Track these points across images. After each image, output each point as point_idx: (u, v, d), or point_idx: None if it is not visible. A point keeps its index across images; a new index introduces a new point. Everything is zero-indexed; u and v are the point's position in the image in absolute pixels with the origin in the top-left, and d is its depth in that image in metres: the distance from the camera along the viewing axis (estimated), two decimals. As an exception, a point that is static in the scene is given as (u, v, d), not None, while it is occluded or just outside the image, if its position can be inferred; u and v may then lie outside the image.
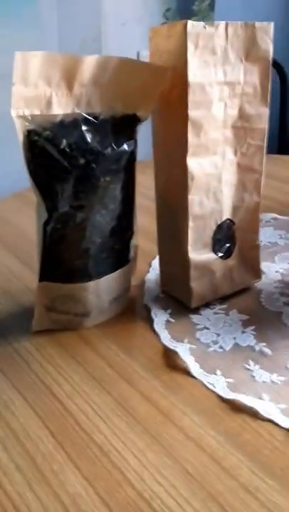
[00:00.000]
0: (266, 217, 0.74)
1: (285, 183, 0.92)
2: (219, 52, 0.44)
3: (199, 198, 0.47)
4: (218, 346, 0.45)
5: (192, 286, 0.49)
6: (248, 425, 0.36)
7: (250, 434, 0.36)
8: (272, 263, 0.60)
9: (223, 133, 0.47)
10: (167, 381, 0.41)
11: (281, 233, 0.69)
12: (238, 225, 0.51)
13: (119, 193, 0.45)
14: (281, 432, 0.36)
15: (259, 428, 0.36)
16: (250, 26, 0.45)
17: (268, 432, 0.36)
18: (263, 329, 0.47)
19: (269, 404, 0.38)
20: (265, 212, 0.75)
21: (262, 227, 0.70)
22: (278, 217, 0.74)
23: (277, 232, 0.70)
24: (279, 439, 0.35)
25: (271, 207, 0.79)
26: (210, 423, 0.37)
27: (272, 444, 0.35)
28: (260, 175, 0.51)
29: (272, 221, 0.73)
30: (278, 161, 1.08)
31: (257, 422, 0.37)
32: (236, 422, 0.37)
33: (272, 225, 0.72)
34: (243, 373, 0.41)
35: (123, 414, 0.37)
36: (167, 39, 0.44)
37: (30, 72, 0.38)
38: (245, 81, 0.47)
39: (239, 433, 0.36)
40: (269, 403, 0.38)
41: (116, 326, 0.48)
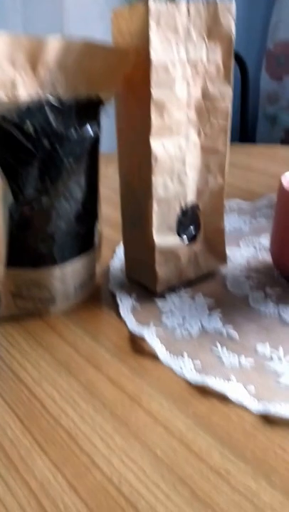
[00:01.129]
0: (230, 203, 0.74)
1: (246, 170, 0.93)
2: (181, 30, 0.43)
3: (163, 180, 0.46)
4: (185, 330, 0.44)
5: (157, 271, 0.48)
6: (217, 408, 0.36)
7: (219, 417, 0.35)
8: (238, 247, 0.60)
9: (186, 113, 0.46)
10: (134, 365, 0.40)
11: (245, 219, 0.69)
12: (202, 209, 0.51)
13: (84, 177, 0.44)
14: (251, 415, 0.36)
15: (229, 411, 0.36)
16: (213, 4, 0.45)
17: (238, 414, 0.36)
18: (230, 313, 0.47)
19: (238, 387, 0.38)
20: (228, 199, 0.76)
21: (226, 214, 0.71)
22: (242, 203, 0.75)
23: (242, 217, 0.70)
24: (249, 421, 0.35)
25: (234, 193, 0.79)
26: (178, 407, 0.36)
27: (242, 427, 0.34)
28: (224, 156, 0.50)
29: (236, 207, 0.74)
30: (239, 149, 1.08)
31: (226, 405, 0.36)
32: (205, 405, 0.36)
33: (235, 211, 0.72)
34: (211, 356, 0.41)
35: (90, 398, 0.37)
36: (129, 20, 0.43)
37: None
38: (207, 60, 0.46)
39: (208, 416, 0.35)
40: (238, 385, 0.38)
41: (82, 312, 0.47)
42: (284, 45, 1.48)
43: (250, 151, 1.08)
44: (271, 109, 1.56)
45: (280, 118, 1.54)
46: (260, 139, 1.61)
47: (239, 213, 0.71)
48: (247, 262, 0.57)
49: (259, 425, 0.35)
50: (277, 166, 0.97)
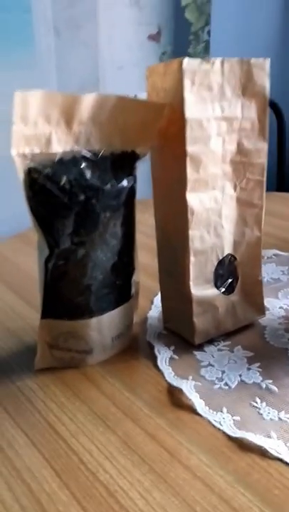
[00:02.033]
0: (268, 253, 0.74)
1: (284, 219, 0.92)
2: (216, 88, 0.45)
3: (200, 233, 0.47)
4: (224, 383, 0.44)
5: (195, 322, 0.48)
6: (256, 464, 0.35)
7: (259, 473, 0.34)
8: (276, 299, 0.60)
9: (222, 168, 0.48)
10: (173, 419, 0.40)
11: (284, 269, 0.69)
12: (239, 260, 0.51)
13: (120, 229, 0.45)
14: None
15: (268, 467, 0.35)
16: (246, 62, 0.46)
17: (278, 471, 0.34)
18: (269, 366, 0.46)
19: (278, 443, 0.36)
20: (266, 249, 0.76)
21: (264, 264, 0.70)
22: (280, 254, 0.74)
23: (280, 268, 0.69)
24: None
25: (272, 243, 0.79)
26: (218, 462, 0.35)
27: (282, 483, 0.33)
28: (260, 209, 0.51)
29: (274, 257, 0.73)
30: (277, 198, 1.09)
31: (266, 460, 0.35)
32: (245, 461, 0.35)
33: (274, 261, 0.72)
34: (250, 411, 0.40)
35: (128, 452, 0.36)
36: (164, 77, 0.45)
37: (29, 111, 0.39)
38: (242, 116, 0.47)
39: (248, 472, 0.34)
40: (278, 441, 0.37)
41: (119, 363, 0.47)
42: None
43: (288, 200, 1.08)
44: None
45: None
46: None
47: (277, 264, 0.71)
48: (286, 314, 0.56)
49: (302, 483, 0.33)
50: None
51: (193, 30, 1.36)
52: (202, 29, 1.37)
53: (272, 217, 0.94)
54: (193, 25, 1.36)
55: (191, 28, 1.36)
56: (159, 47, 1.35)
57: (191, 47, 1.38)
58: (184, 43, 1.37)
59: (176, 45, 1.37)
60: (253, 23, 1.49)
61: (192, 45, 1.37)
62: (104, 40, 1.22)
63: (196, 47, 1.38)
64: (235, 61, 0.46)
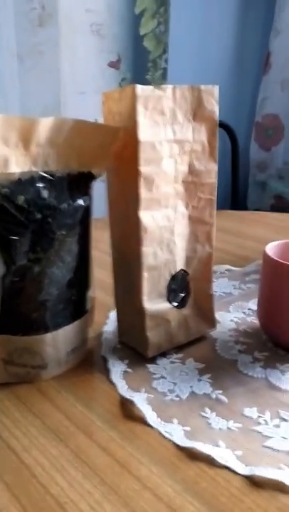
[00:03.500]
0: (221, 268, 0.77)
1: (237, 236, 0.96)
2: (168, 113, 0.47)
3: (153, 250, 0.49)
4: (175, 395, 0.45)
5: (148, 336, 0.50)
6: (205, 473, 0.37)
7: (207, 481, 0.36)
8: (227, 312, 0.62)
9: (174, 187, 0.50)
10: (124, 431, 0.41)
11: (235, 284, 0.71)
12: (192, 275, 0.53)
13: (75, 246, 0.47)
14: (238, 479, 0.36)
15: (216, 475, 0.36)
16: (196, 89, 0.49)
17: (225, 479, 0.36)
18: (219, 377, 0.48)
19: (225, 451, 0.38)
20: (219, 264, 0.78)
21: (217, 279, 0.73)
22: (232, 269, 0.77)
23: (232, 282, 0.72)
24: (236, 486, 0.35)
25: (225, 259, 0.82)
26: (167, 472, 0.37)
27: (228, 491, 0.35)
28: (211, 227, 0.53)
29: (227, 272, 0.76)
30: (231, 216, 1.12)
31: (214, 469, 0.37)
32: (193, 470, 0.37)
33: (226, 276, 0.74)
34: (200, 421, 0.42)
35: (80, 465, 0.37)
36: (119, 102, 0.47)
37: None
38: (193, 139, 0.50)
39: (196, 481, 0.36)
40: (225, 450, 0.38)
41: (74, 377, 0.48)
42: (271, 118, 1.57)
43: (242, 218, 1.12)
44: (261, 177, 1.62)
45: (270, 185, 1.60)
46: (252, 206, 1.66)
47: (230, 278, 0.73)
48: (236, 327, 0.58)
49: (246, 489, 0.35)
50: (266, 231, 1.00)
51: (152, 58, 1.40)
52: (160, 57, 1.41)
53: (226, 234, 0.97)
54: (152, 54, 1.40)
55: (149, 56, 1.40)
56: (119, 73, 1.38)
57: (150, 74, 1.41)
58: (142, 70, 1.41)
59: (135, 72, 1.41)
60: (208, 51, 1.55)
61: (150, 72, 1.41)
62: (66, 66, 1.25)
63: (154, 74, 1.42)
64: (186, 88, 0.48)
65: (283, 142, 1.56)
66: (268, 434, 0.40)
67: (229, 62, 1.61)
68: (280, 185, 1.58)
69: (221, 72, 1.61)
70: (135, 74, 1.43)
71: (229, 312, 0.62)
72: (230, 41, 1.60)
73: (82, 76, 1.30)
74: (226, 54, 1.60)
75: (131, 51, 1.42)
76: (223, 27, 1.57)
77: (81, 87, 1.29)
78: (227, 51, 1.60)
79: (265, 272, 0.52)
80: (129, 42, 1.40)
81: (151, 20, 1.42)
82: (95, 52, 1.31)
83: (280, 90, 1.54)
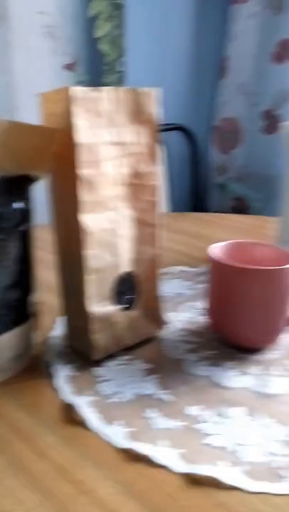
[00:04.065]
0: (175, 269, 0.77)
1: (195, 238, 0.96)
2: (105, 114, 0.47)
3: (96, 253, 0.49)
4: (120, 397, 0.45)
5: (94, 339, 0.49)
6: (143, 473, 0.36)
7: (145, 482, 0.36)
8: (177, 312, 0.62)
9: (116, 190, 0.49)
10: (66, 436, 0.40)
11: (188, 284, 0.72)
12: (138, 277, 0.53)
13: (14, 251, 0.46)
14: (176, 477, 0.36)
15: (154, 475, 0.36)
16: (135, 91, 0.49)
17: (163, 478, 0.36)
18: (165, 377, 0.48)
19: (165, 451, 0.38)
20: (174, 265, 0.78)
21: (171, 279, 0.73)
22: (186, 270, 0.77)
23: (185, 283, 0.72)
24: (174, 485, 0.35)
25: (181, 260, 0.82)
26: (106, 474, 0.36)
27: (166, 490, 0.35)
28: (155, 228, 0.53)
29: (181, 273, 0.76)
30: (189, 218, 1.13)
31: (153, 469, 0.37)
32: (133, 470, 0.37)
33: (180, 277, 0.75)
34: (143, 422, 0.42)
35: (16, 473, 0.36)
36: (56, 103, 0.46)
37: None
38: (133, 142, 0.50)
39: (135, 482, 0.36)
40: (166, 449, 0.38)
41: (17, 384, 0.47)
42: (230, 121, 1.59)
43: (201, 220, 1.13)
44: (221, 180, 1.64)
45: (229, 187, 1.61)
46: (213, 207, 1.68)
47: (183, 279, 0.74)
48: (185, 326, 0.58)
49: (183, 487, 0.35)
50: (225, 233, 1.01)
51: (108, 61, 1.41)
52: (116, 60, 1.42)
53: (184, 235, 0.98)
54: (108, 57, 1.41)
55: (105, 59, 1.40)
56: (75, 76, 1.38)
57: (106, 77, 1.42)
58: (99, 73, 1.41)
59: (92, 75, 1.41)
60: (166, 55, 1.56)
61: (107, 75, 1.42)
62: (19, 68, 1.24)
63: (111, 77, 1.42)
64: (124, 90, 0.48)
65: (242, 145, 1.58)
66: (207, 431, 0.40)
67: (187, 66, 1.62)
68: (240, 188, 1.60)
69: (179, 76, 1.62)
70: (92, 77, 1.43)
71: (179, 312, 0.62)
72: (188, 45, 1.61)
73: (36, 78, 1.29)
74: (183, 58, 1.62)
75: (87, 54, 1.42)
76: (180, 31, 1.59)
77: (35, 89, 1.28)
78: (185, 55, 1.61)
79: (211, 272, 0.53)
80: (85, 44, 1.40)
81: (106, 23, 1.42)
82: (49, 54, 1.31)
83: (238, 94, 1.56)
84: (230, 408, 0.43)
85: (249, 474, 0.36)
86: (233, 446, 0.38)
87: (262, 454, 0.38)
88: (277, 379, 0.47)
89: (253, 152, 1.54)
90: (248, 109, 1.54)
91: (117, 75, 1.46)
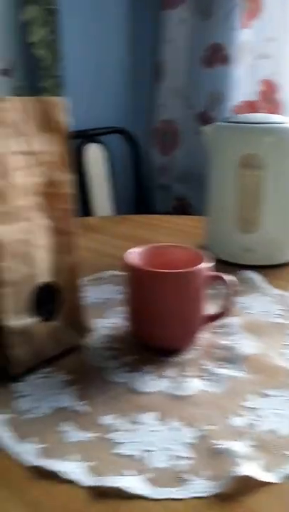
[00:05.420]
0: (105, 274, 0.76)
1: (130, 241, 0.96)
2: (12, 124, 0.46)
3: (10, 265, 0.48)
4: (37, 412, 0.44)
5: (12, 354, 0.48)
6: (50, 491, 0.36)
7: (51, 500, 0.35)
8: (103, 318, 0.62)
9: (28, 200, 0.49)
10: (-24, 457, 0.39)
11: (118, 288, 0.71)
12: (60, 286, 0.52)
13: None
14: (84, 492, 0.36)
15: (61, 492, 0.36)
16: (41, 101, 0.48)
17: (70, 494, 0.35)
18: (85, 387, 0.48)
19: (75, 465, 0.37)
20: (106, 270, 0.78)
21: (101, 284, 0.73)
22: (118, 274, 0.77)
23: (115, 288, 0.72)
24: (81, 499, 0.35)
25: (114, 265, 0.82)
26: (13, 495, 0.35)
27: (72, 506, 0.34)
28: (72, 236, 0.53)
29: (112, 278, 0.76)
30: (130, 222, 1.13)
31: (61, 485, 0.36)
32: (39, 489, 0.36)
33: (111, 282, 0.74)
34: (57, 436, 0.41)
35: None
36: None
37: None
38: (44, 151, 0.49)
39: (42, 500, 0.35)
40: (75, 463, 0.38)
41: None
42: (168, 123, 1.60)
43: (141, 222, 1.13)
44: (163, 180, 1.65)
45: (172, 188, 1.63)
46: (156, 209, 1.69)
47: (114, 284, 0.73)
48: (108, 333, 0.58)
49: (90, 502, 0.35)
50: (160, 235, 1.01)
51: (44, 66, 1.39)
52: (53, 65, 1.41)
53: (120, 239, 0.97)
54: (44, 62, 1.39)
55: (41, 64, 1.39)
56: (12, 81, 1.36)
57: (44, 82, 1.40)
58: (36, 78, 1.40)
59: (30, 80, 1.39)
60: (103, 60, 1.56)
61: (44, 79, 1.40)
62: None
63: (48, 81, 1.41)
64: (29, 100, 0.47)
65: (181, 147, 1.59)
66: (118, 440, 0.40)
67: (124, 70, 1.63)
68: (182, 188, 1.62)
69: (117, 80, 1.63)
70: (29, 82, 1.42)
71: (105, 318, 0.62)
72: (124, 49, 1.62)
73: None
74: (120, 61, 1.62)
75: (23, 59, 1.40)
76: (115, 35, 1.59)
77: None
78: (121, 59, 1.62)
79: (126, 277, 0.53)
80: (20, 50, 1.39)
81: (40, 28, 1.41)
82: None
83: (174, 97, 1.57)
84: (143, 414, 0.43)
85: (153, 481, 0.36)
86: (141, 453, 0.38)
87: (167, 459, 0.38)
88: (191, 380, 0.48)
89: (191, 153, 1.56)
90: (184, 111, 1.55)
91: (54, 79, 1.45)
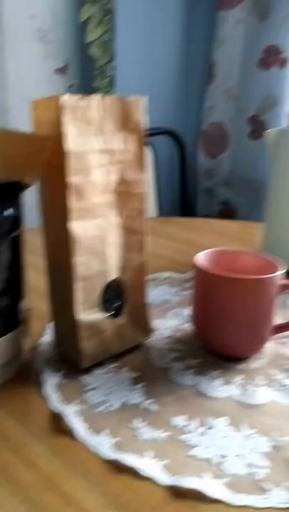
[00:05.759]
0: (162, 276, 0.77)
1: (181, 243, 0.97)
2: (95, 122, 0.47)
3: (84, 260, 0.49)
4: (107, 406, 0.45)
5: (82, 347, 0.50)
6: (129, 485, 0.36)
7: (131, 494, 0.36)
8: (164, 319, 0.62)
9: (104, 197, 0.50)
10: (53, 445, 0.40)
11: (175, 290, 0.72)
12: (126, 284, 0.53)
13: (4, 257, 0.46)
14: (161, 489, 0.36)
15: (140, 487, 0.36)
16: (123, 100, 0.49)
17: (149, 490, 0.36)
18: (152, 386, 0.48)
19: (151, 462, 0.38)
20: (161, 271, 0.79)
21: (157, 286, 0.73)
22: (173, 276, 0.78)
23: (172, 289, 0.72)
24: (159, 497, 0.36)
25: (168, 266, 0.83)
26: (93, 486, 0.36)
27: (151, 503, 0.35)
28: (142, 236, 0.54)
29: (168, 279, 0.76)
30: (178, 223, 1.13)
31: (139, 481, 0.37)
32: (118, 482, 0.37)
33: (167, 283, 0.75)
34: (129, 432, 0.42)
35: (5, 482, 0.36)
36: (46, 111, 0.46)
37: None
38: (122, 149, 0.50)
39: (120, 494, 0.36)
40: (151, 461, 0.38)
41: (6, 391, 0.47)
42: (217, 126, 1.60)
43: (189, 224, 1.13)
44: (209, 184, 1.65)
45: (217, 192, 1.63)
46: (201, 212, 1.69)
47: (170, 285, 0.74)
48: (172, 334, 0.59)
49: (168, 500, 0.35)
50: (211, 238, 1.02)
51: (99, 66, 1.41)
52: (107, 64, 1.42)
53: (171, 241, 0.98)
54: (98, 61, 1.41)
55: (96, 64, 1.40)
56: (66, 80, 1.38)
57: (97, 81, 1.42)
58: (90, 77, 1.41)
59: (83, 79, 1.41)
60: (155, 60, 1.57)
61: (98, 79, 1.42)
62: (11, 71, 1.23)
63: (102, 81, 1.43)
64: (112, 98, 0.48)
65: (229, 150, 1.59)
66: (193, 442, 0.40)
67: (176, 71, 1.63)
68: (227, 192, 1.61)
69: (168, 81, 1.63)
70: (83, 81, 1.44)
71: (166, 319, 0.62)
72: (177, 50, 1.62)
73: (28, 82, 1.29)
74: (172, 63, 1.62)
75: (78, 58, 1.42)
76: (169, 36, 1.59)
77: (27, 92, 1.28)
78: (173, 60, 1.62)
79: (195, 281, 0.53)
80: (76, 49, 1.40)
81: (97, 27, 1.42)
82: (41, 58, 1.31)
83: (225, 99, 1.57)
84: (214, 418, 0.44)
85: (232, 487, 0.36)
86: (217, 458, 0.39)
87: (245, 466, 0.38)
88: (260, 389, 0.48)
89: (239, 157, 1.55)
90: (235, 114, 1.55)
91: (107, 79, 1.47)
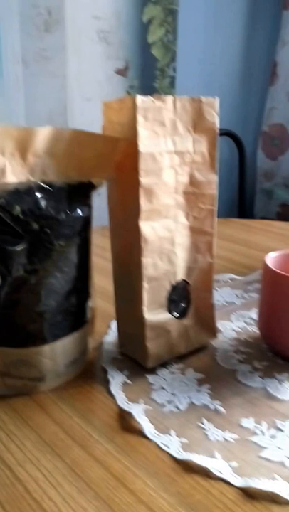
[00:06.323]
0: (224, 277, 0.76)
1: (241, 245, 0.95)
2: (168, 124, 0.47)
3: (153, 260, 0.49)
4: (173, 406, 0.45)
5: (148, 347, 0.50)
6: (199, 485, 0.36)
7: (201, 494, 0.35)
8: (229, 321, 0.62)
9: (174, 198, 0.49)
10: (121, 444, 0.40)
11: (238, 293, 0.71)
12: (192, 285, 0.53)
13: (74, 257, 0.47)
14: (232, 491, 0.36)
15: (211, 487, 0.36)
16: (197, 100, 0.49)
17: (219, 491, 0.36)
18: (218, 387, 0.48)
19: (221, 463, 0.38)
20: (222, 273, 0.78)
21: (220, 288, 0.72)
22: (235, 278, 0.77)
23: (234, 291, 0.72)
24: (230, 498, 0.35)
25: (229, 267, 0.81)
26: (162, 485, 0.36)
27: (223, 503, 0.35)
28: (211, 237, 0.53)
29: (230, 281, 0.76)
30: (237, 225, 1.12)
31: (209, 481, 0.37)
32: (188, 482, 0.37)
33: (229, 285, 0.74)
34: (197, 432, 0.42)
35: (75, 479, 0.37)
36: (119, 112, 0.47)
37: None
38: (194, 150, 0.50)
39: (191, 493, 0.35)
40: (221, 461, 0.38)
41: (72, 389, 0.48)
42: (278, 127, 1.56)
43: (247, 226, 1.12)
44: (267, 185, 1.62)
45: (276, 193, 1.59)
46: (258, 214, 1.66)
47: (232, 287, 0.73)
48: (237, 336, 0.58)
49: (240, 501, 0.35)
50: (271, 240, 1.00)
51: (160, 66, 1.41)
52: (168, 65, 1.42)
53: (231, 242, 0.97)
54: (160, 62, 1.41)
55: (157, 64, 1.41)
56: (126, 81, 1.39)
57: (158, 82, 1.42)
58: (150, 77, 1.42)
59: (143, 80, 1.41)
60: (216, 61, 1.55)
61: (158, 80, 1.42)
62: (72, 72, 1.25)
63: (162, 82, 1.43)
64: (186, 99, 0.48)
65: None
66: (264, 444, 0.40)
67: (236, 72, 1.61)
68: (286, 194, 1.57)
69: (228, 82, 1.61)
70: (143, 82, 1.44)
71: (231, 321, 0.62)
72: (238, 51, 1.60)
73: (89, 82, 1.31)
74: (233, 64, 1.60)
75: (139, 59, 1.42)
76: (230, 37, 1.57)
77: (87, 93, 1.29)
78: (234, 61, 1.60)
79: (265, 282, 0.52)
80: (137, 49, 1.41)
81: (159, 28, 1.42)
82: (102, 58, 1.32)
83: (287, 100, 1.53)
84: (284, 421, 0.43)
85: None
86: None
87: None
88: None
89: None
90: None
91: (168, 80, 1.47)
